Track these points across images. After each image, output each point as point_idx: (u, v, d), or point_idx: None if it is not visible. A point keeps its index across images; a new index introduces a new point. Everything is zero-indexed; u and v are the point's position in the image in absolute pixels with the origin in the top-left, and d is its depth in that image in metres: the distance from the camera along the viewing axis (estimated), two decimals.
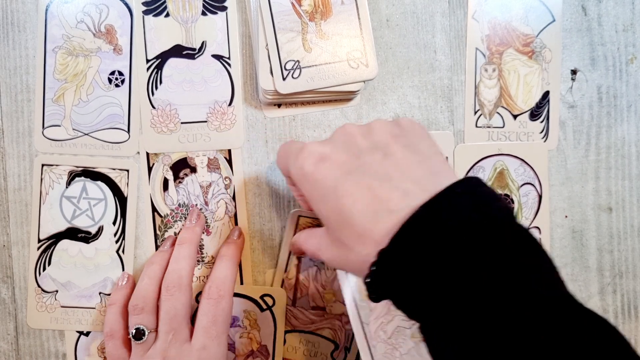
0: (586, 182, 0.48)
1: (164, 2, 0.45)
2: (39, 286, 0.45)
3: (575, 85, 0.48)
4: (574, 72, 0.48)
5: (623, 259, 0.48)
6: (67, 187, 0.45)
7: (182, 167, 0.45)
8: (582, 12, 0.48)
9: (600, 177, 0.48)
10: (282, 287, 0.45)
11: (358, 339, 0.37)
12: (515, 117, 0.47)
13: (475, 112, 0.47)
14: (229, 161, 0.45)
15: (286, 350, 0.46)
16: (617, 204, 0.48)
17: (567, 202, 0.48)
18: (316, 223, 0.44)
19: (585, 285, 0.48)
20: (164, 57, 0.45)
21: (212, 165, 0.45)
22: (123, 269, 0.45)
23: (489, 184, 0.47)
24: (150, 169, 0.45)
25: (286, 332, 0.46)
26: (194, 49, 0.45)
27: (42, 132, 0.45)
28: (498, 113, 0.47)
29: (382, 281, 0.27)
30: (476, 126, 0.47)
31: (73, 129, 0.45)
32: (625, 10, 0.48)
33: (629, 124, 0.48)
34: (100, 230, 0.45)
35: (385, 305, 0.36)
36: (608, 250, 0.48)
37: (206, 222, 0.45)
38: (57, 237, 0.45)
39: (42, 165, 0.45)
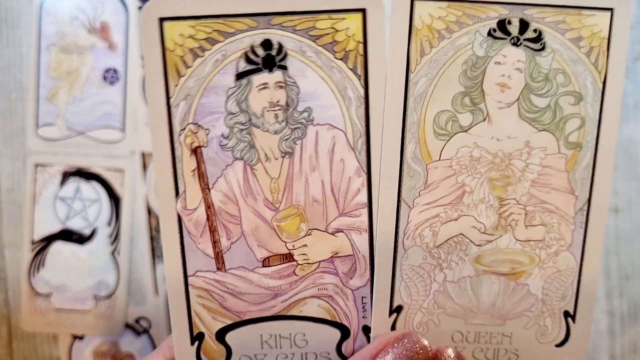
0: None
1: None
2: (32, 289, 0.44)
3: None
4: None
5: (629, 261, 0.47)
6: (60, 188, 0.44)
7: None
8: None
9: None
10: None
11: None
12: None
13: None
14: None
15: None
16: (624, 205, 0.47)
17: None
18: None
19: None
20: None
21: None
22: (118, 271, 0.45)
23: None
24: (145, 168, 0.45)
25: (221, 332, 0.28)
26: None
27: (36, 131, 0.44)
28: None
29: None
30: None
31: (67, 128, 0.44)
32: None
33: (635, 123, 0.47)
34: (94, 231, 0.45)
35: (453, 190, 0.29)
36: (614, 252, 0.47)
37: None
38: (50, 239, 0.44)
39: (36, 165, 0.44)
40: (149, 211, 0.45)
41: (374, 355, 0.27)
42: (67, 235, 0.44)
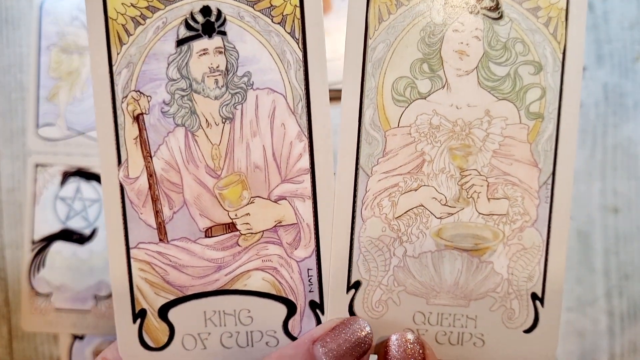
0: (592, 182, 0.47)
1: None
2: (33, 289, 0.44)
3: (581, 83, 0.47)
4: None
5: (629, 261, 0.47)
6: (61, 188, 0.44)
7: None
8: (587, 8, 0.47)
9: (607, 177, 0.47)
10: None
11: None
12: None
13: None
14: None
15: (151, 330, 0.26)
16: (624, 205, 0.47)
17: (572, 202, 0.47)
18: None
19: (590, 288, 0.47)
20: None
21: None
22: None
23: None
24: None
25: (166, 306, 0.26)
26: None
27: (36, 131, 0.44)
28: None
29: None
30: None
31: (67, 128, 0.44)
32: (631, 7, 0.47)
33: (635, 123, 0.47)
34: (95, 231, 0.44)
35: (412, 158, 0.28)
36: (614, 252, 0.47)
37: None
38: (50, 239, 0.44)
39: (36, 165, 0.44)
40: None
41: (315, 339, 0.26)
42: (68, 235, 0.44)
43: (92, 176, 0.44)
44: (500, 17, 0.28)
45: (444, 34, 0.28)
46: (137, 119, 0.25)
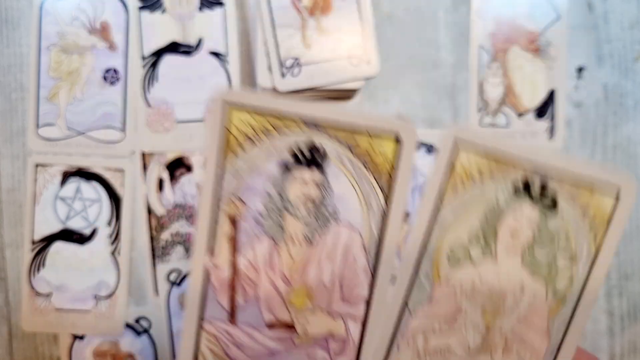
0: None
1: None
2: (33, 289, 0.44)
3: (581, 84, 0.47)
4: (579, 70, 0.47)
5: (629, 261, 0.47)
6: (61, 188, 0.44)
7: (177, 166, 0.45)
8: (587, 9, 0.47)
9: None
10: (200, 284, 0.30)
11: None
12: (520, 115, 0.46)
13: (479, 111, 0.46)
14: None
15: None
16: None
17: None
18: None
19: None
20: (159, 54, 0.44)
21: None
22: (118, 271, 0.44)
23: None
24: (145, 168, 0.45)
25: None
26: (190, 46, 0.44)
27: (36, 131, 0.44)
28: (502, 112, 0.46)
29: None
30: (480, 125, 0.46)
31: (68, 128, 0.44)
32: (631, 7, 0.47)
33: (635, 123, 0.47)
34: (95, 231, 0.44)
35: (451, 309, 0.32)
36: (614, 251, 0.47)
37: None
38: (51, 239, 0.44)
39: (36, 165, 0.44)
40: (149, 211, 0.45)
41: None
42: (68, 235, 0.44)
43: (92, 176, 0.44)
44: (554, 212, 0.32)
45: (504, 215, 0.32)
46: (233, 220, 0.28)
